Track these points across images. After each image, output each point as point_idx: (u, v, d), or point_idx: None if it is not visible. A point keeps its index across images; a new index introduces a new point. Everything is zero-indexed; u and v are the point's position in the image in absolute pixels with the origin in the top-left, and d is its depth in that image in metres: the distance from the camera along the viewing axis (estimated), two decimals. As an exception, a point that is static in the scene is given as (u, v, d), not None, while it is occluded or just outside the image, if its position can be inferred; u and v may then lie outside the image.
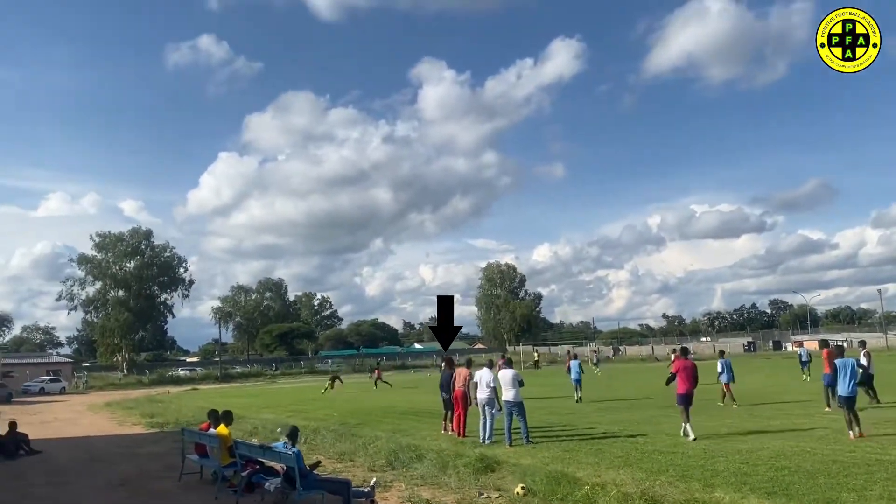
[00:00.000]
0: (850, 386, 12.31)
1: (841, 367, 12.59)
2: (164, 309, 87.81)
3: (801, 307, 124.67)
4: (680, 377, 13.54)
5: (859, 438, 11.92)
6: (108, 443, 18.08)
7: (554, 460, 11.07)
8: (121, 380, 65.81)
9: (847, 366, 12.52)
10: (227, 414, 11.35)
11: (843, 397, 12.48)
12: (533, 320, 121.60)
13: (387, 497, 9.78)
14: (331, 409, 23.38)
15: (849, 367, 12.48)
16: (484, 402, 13.64)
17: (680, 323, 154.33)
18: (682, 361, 14.04)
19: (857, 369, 12.79)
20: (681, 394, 13.44)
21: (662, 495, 8.35)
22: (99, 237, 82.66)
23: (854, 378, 12.46)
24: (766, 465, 9.92)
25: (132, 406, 30.75)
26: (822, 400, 17.30)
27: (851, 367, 12.54)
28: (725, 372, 19.98)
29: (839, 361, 12.76)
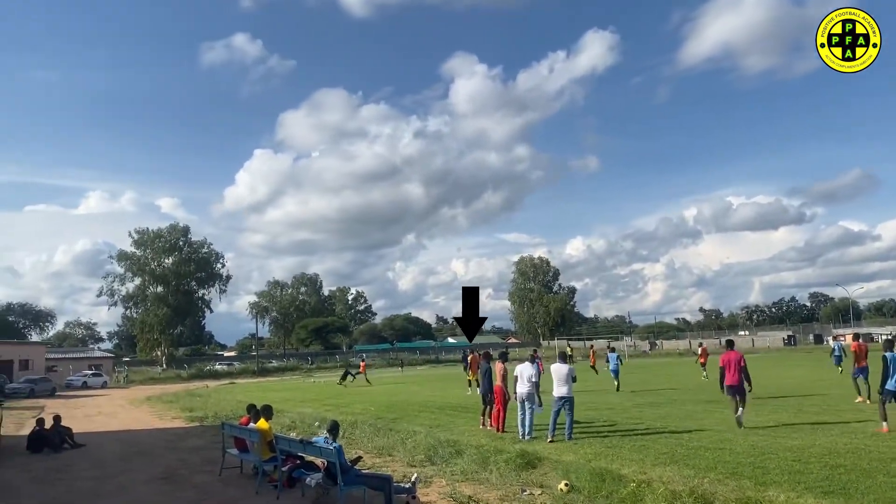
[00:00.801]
0: None
1: (892, 361, 12.34)
2: (202, 304, 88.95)
3: (843, 300, 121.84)
4: (728, 369, 13.71)
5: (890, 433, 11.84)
6: (150, 436, 18.28)
7: (597, 457, 10.84)
8: (160, 374, 66.89)
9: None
10: (267, 408, 11.34)
11: (890, 391, 12.37)
12: (567, 314, 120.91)
13: (428, 493, 9.66)
14: (367, 404, 23.37)
15: None
16: (524, 396, 13.44)
17: (717, 317, 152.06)
18: (730, 354, 14.01)
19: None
20: (730, 385, 13.68)
21: (713, 493, 8.08)
22: (137, 234, 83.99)
23: None
24: (818, 462, 9.56)
25: (172, 400, 31.15)
26: (856, 393, 17.45)
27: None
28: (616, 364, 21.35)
29: (889, 355, 12.49)
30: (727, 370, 13.79)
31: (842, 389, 20.61)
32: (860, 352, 17.83)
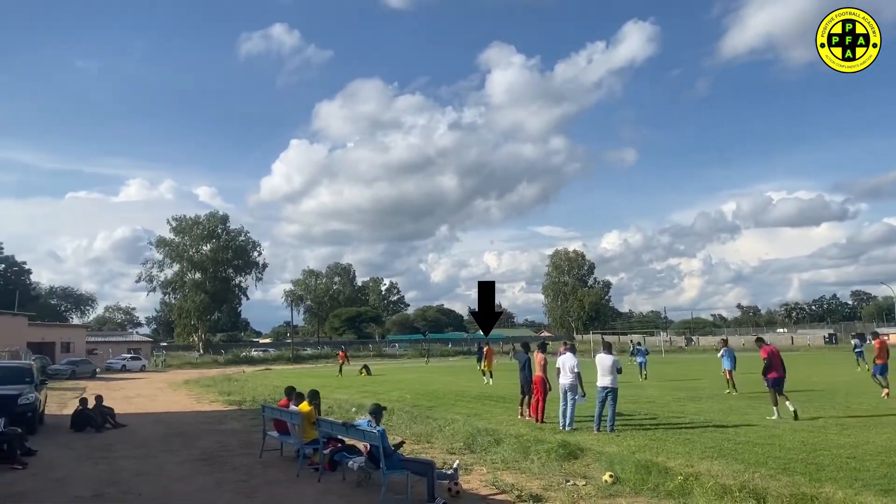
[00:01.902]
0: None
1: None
2: (239, 291, 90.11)
3: (887, 299, 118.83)
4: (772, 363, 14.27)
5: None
6: (189, 418, 18.47)
7: (641, 449, 10.63)
8: (197, 359, 67.92)
9: None
10: (315, 393, 11.31)
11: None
12: (602, 309, 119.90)
13: (469, 480, 9.54)
14: (402, 391, 23.37)
15: None
16: (567, 387, 13.26)
17: (755, 313, 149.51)
18: (769, 348, 14.62)
19: None
20: (773, 378, 14.26)
21: (765, 489, 7.82)
22: (176, 221, 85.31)
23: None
24: (874, 460, 9.25)
25: (209, 384, 31.54)
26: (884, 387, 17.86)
27: None
28: (728, 360, 21.13)
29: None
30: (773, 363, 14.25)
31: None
32: (882, 349, 18.52)
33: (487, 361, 28.08)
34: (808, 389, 20.07)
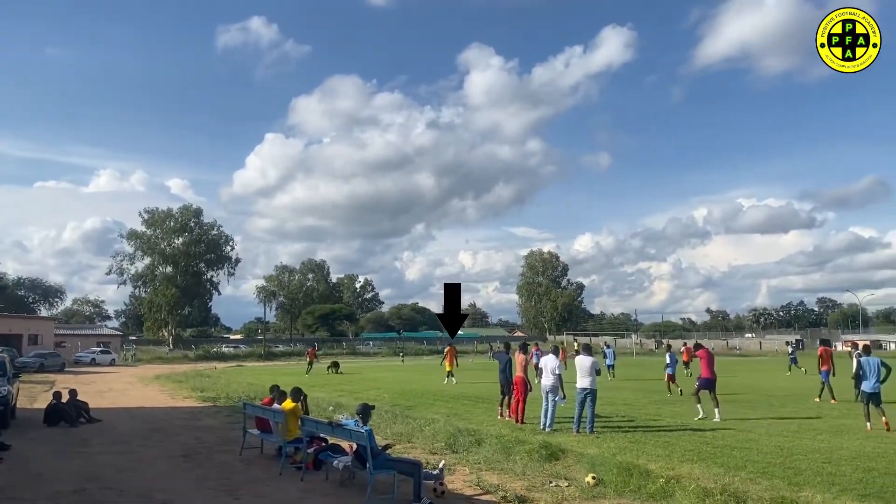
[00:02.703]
0: (875, 383, 13.28)
1: (866, 366, 13.57)
2: (210, 286, 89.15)
3: (851, 306, 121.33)
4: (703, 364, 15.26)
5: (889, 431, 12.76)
6: (165, 414, 18.27)
7: (621, 451, 10.75)
8: (167, 354, 67.03)
9: (872, 364, 13.49)
10: (299, 391, 11.26)
11: (866, 393, 13.44)
12: (574, 310, 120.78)
13: (453, 480, 9.57)
14: (379, 390, 23.35)
15: (874, 366, 13.44)
16: (548, 388, 13.37)
17: (724, 318, 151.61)
18: (703, 351, 15.57)
19: (881, 368, 13.52)
20: (705, 379, 15.13)
21: (745, 492, 7.96)
22: (148, 213, 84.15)
23: (878, 376, 13.34)
24: (850, 465, 9.47)
25: (182, 380, 31.18)
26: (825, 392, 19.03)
27: (877, 365, 13.46)
28: (671, 365, 22.17)
29: (863, 360, 13.81)
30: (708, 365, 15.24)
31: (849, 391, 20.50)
32: (825, 356, 19.45)
33: (448, 361, 28.70)
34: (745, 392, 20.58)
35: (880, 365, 13.56)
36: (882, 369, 13.54)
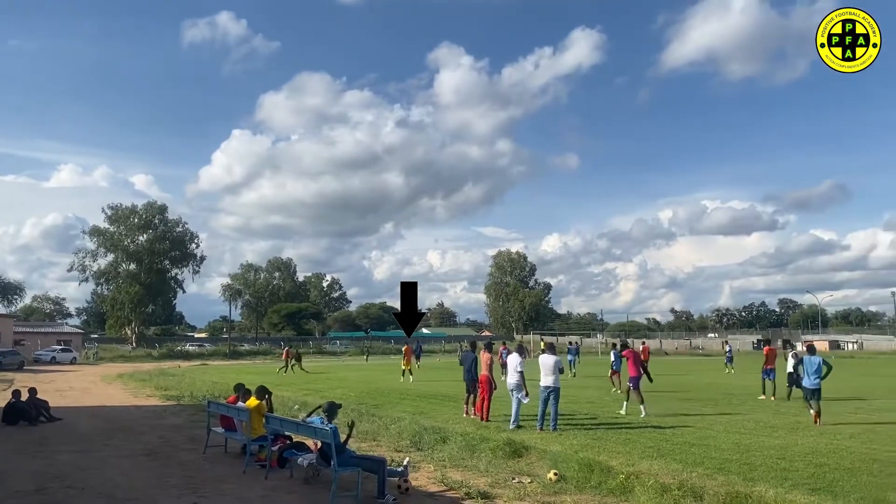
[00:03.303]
0: (815, 380, 13.95)
1: (807, 364, 14.24)
2: (175, 284, 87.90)
3: (811, 307, 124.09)
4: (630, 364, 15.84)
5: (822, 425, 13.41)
6: (127, 413, 18.07)
7: (583, 448, 10.92)
8: (130, 352, 66.04)
9: (813, 363, 14.13)
10: (264, 389, 11.24)
11: (808, 389, 14.13)
12: (541, 310, 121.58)
13: (417, 477, 9.66)
14: (346, 389, 23.32)
15: (814, 364, 14.09)
16: (512, 387, 13.53)
17: (688, 318, 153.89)
18: (629, 351, 16.38)
19: (822, 366, 14.17)
20: (633, 377, 15.69)
21: (702, 487, 8.18)
22: (111, 210, 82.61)
23: (819, 373, 14.02)
24: (803, 461, 9.75)
25: (145, 378, 30.79)
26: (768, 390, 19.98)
27: (817, 364, 14.10)
28: (616, 362, 22.63)
29: (806, 358, 14.45)
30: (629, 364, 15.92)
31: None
32: (769, 355, 20.33)
33: (406, 360, 29.52)
34: (706, 391, 21.15)
35: (822, 363, 14.26)
36: (824, 367, 14.27)
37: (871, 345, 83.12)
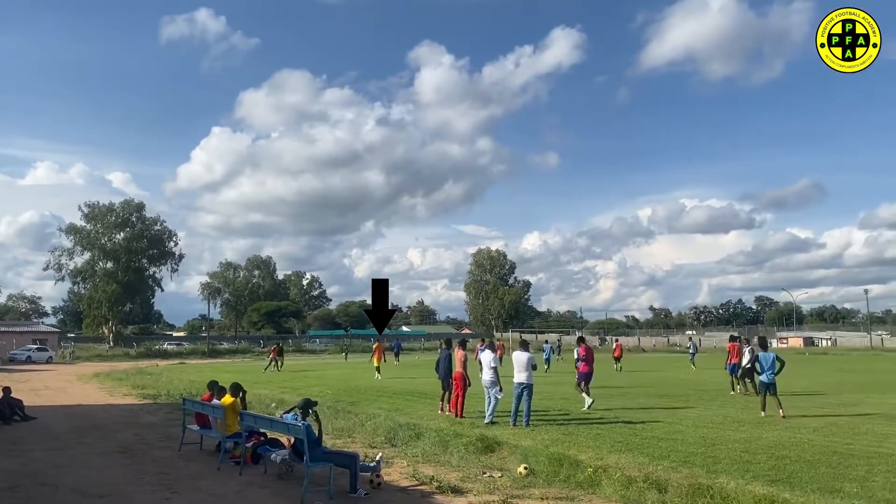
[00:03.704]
0: (770, 374, 14.55)
1: (763, 360, 14.91)
2: (153, 282, 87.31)
3: (787, 304, 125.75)
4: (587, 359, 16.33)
5: (783, 419, 13.92)
6: (103, 412, 18.05)
7: (554, 443, 11.13)
8: (107, 351, 65.57)
9: (768, 358, 14.81)
10: (238, 386, 11.33)
11: (763, 383, 14.76)
12: (521, 308, 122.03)
13: (390, 473, 9.82)
14: (323, 387, 23.40)
15: (769, 360, 14.76)
16: (487, 383, 13.72)
17: (666, 315, 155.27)
18: (584, 346, 16.80)
19: (776, 362, 14.80)
20: (584, 372, 16.30)
21: (666, 479, 8.42)
22: (88, 207, 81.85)
23: (773, 368, 14.62)
24: (765, 454, 10.03)
25: (122, 377, 30.66)
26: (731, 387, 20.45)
27: (772, 359, 14.76)
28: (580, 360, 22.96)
29: (762, 354, 15.18)
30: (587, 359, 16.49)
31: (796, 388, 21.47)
32: (732, 351, 20.89)
33: (376, 357, 29.85)
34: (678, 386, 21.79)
35: (775, 359, 14.85)
36: (777, 363, 14.80)
37: (845, 341, 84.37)
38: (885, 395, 19.64)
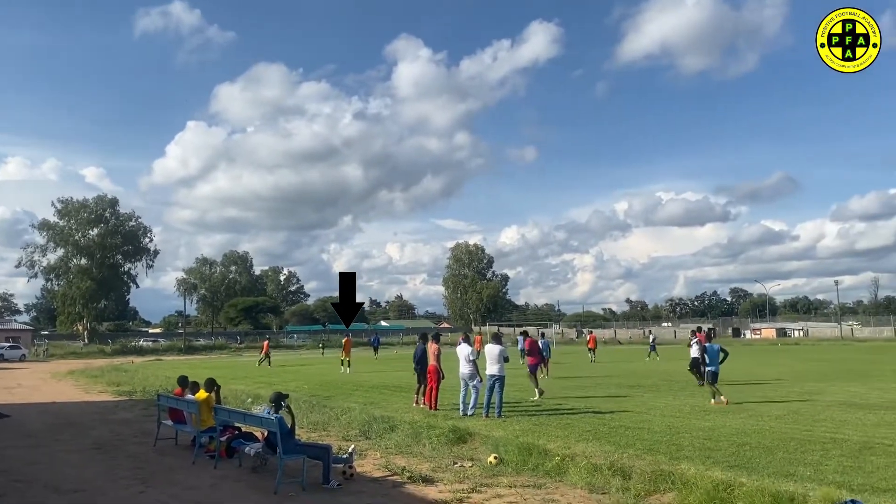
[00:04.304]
0: (716, 365, 15.62)
1: (710, 351, 15.89)
2: (128, 278, 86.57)
3: (761, 296, 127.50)
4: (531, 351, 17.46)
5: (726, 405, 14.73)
6: (78, 409, 18.03)
7: (524, 433, 11.39)
8: (82, 349, 65.01)
9: (713, 350, 15.86)
10: (212, 381, 11.43)
11: (710, 373, 15.71)
12: (499, 301, 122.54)
13: (363, 464, 10.02)
14: (299, 381, 23.52)
15: (714, 351, 15.84)
16: (465, 376, 13.97)
17: (643, 308, 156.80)
18: (530, 340, 18.00)
19: (718, 353, 15.91)
20: (532, 363, 17.42)
21: (630, 467, 8.70)
22: (61, 203, 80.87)
23: (717, 358, 15.70)
24: (727, 441, 10.36)
25: (97, 375, 30.52)
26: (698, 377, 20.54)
27: (717, 351, 15.87)
28: (545, 349, 23.94)
29: (708, 345, 16.27)
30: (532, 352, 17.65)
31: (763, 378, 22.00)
32: (702, 342, 20.99)
33: (345, 351, 30.67)
34: (650, 377, 21.77)
35: (720, 350, 16.06)
36: (721, 353, 16.00)
37: (816, 332, 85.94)
38: (848, 383, 20.18)
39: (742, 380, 21.57)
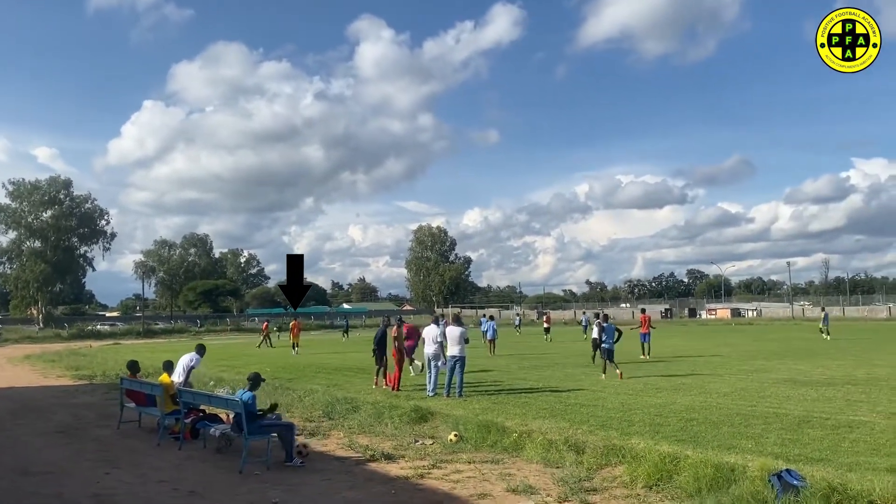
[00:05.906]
0: (610, 343, 17.00)
1: (608, 331, 17.21)
2: (84, 262, 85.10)
3: (717, 277, 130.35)
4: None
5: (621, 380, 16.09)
6: (38, 393, 17.93)
7: (484, 411, 11.79)
8: (37, 333, 63.67)
9: (610, 330, 17.23)
10: (169, 364, 11.53)
11: (605, 350, 17.03)
12: (462, 283, 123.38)
13: (326, 443, 10.30)
14: (262, 364, 23.58)
15: (611, 331, 17.21)
16: (431, 356, 14.30)
17: (602, 289, 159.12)
18: (408, 325, 17.68)
19: (614, 333, 17.32)
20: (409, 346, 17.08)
21: (584, 442, 9.13)
22: (13, 185, 78.97)
23: (612, 337, 17.10)
24: (676, 417, 10.88)
25: (54, 359, 30.11)
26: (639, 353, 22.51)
27: (613, 330, 17.28)
28: (491, 331, 26.46)
29: (606, 326, 17.47)
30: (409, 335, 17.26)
31: (715, 354, 22.76)
32: (644, 321, 23.08)
33: (294, 334, 32.21)
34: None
35: (615, 329, 17.47)
36: (616, 333, 17.42)
37: (769, 312, 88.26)
38: (795, 361, 21.00)
39: (693, 357, 22.31)
